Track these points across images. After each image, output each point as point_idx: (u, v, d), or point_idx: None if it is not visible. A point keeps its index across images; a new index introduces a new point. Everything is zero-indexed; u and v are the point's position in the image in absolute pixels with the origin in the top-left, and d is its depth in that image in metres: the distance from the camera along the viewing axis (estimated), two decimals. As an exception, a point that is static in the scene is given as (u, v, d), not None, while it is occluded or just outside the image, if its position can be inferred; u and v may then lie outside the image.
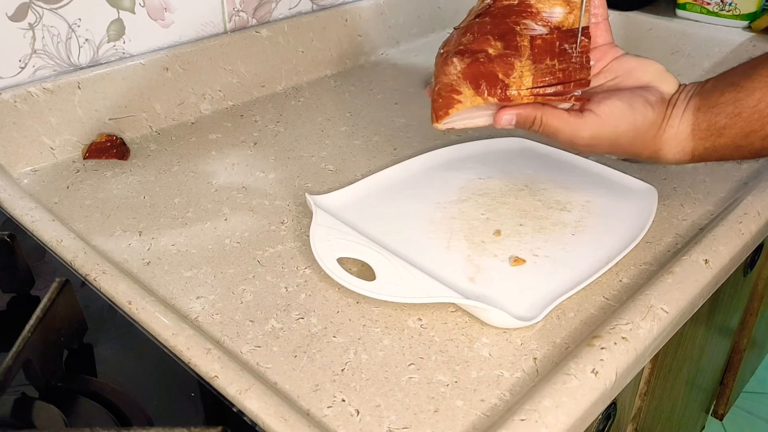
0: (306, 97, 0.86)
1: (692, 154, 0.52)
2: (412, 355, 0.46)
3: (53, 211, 0.61)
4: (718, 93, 0.50)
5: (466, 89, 0.51)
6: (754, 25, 0.99)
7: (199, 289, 0.52)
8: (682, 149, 0.52)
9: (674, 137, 0.52)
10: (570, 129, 0.51)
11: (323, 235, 0.53)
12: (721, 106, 0.50)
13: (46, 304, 0.41)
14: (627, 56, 0.54)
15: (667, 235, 0.58)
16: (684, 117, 0.51)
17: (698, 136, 0.51)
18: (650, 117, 0.51)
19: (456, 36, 0.54)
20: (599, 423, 0.54)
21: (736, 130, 0.49)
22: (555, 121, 0.51)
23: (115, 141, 0.71)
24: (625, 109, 0.50)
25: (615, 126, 0.50)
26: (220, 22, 0.82)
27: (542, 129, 0.52)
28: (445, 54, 0.53)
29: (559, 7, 0.52)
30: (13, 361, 0.38)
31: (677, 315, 0.48)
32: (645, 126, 0.51)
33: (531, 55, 0.51)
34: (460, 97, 0.51)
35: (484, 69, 0.51)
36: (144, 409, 0.40)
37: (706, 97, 0.51)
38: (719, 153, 0.51)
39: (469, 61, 0.51)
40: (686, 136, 0.51)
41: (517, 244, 0.55)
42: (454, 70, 0.51)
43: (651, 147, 0.52)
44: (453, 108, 0.52)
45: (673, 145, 0.52)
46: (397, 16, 1.00)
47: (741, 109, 0.49)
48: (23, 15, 0.66)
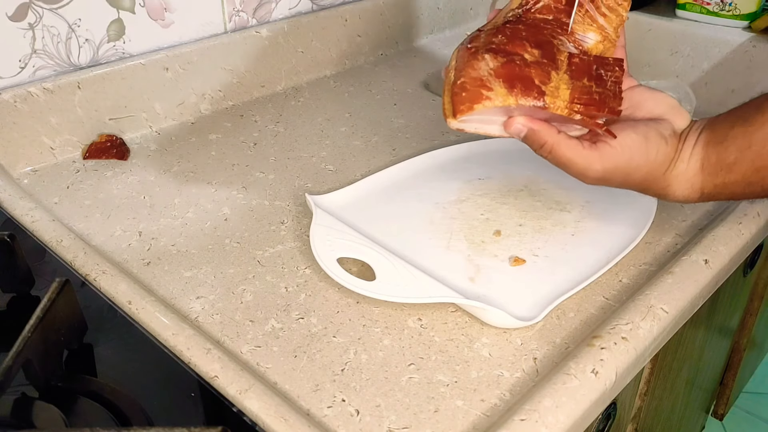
0: (306, 97, 0.86)
1: (701, 192, 0.50)
2: (412, 355, 0.46)
3: (53, 211, 0.61)
4: (728, 126, 0.48)
5: (498, 87, 0.47)
6: (754, 25, 0.99)
7: (199, 289, 0.52)
8: (691, 186, 0.50)
9: (684, 173, 0.49)
10: (583, 161, 0.48)
11: (323, 235, 0.53)
12: (730, 140, 0.48)
13: (46, 304, 0.41)
14: (641, 87, 0.52)
15: (667, 235, 0.58)
16: (694, 152, 0.49)
17: (708, 171, 0.49)
18: (663, 151, 0.49)
19: (485, 36, 0.50)
20: (599, 423, 0.54)
21: (746, 165, 0.47)
22: (568, 151, 0.48)
23: (115, 141, 0.71)
24: (640, 141, 0.48)
25: (629, 159, 0.48)
26: (220, 22, 0.82)
27: (551, 157, 0.49)
28: (474, 49, 0.48)
29: (592, 33, 0.51)
30: (13, 361, 0.38)
31: (677, 315, 0.48)
32: (659, 161, 0.49)
33: (569, 71, 0.48)
34: (490, 94, 0.46)
35: (520, 71, 0.47)
36: (144, 409, 0.40)
37: (716, 131, 0.49)
38: (729, 190, 0.49)
39: (504, 60, 0.47)
40: (696, 172, 0.49)
41: (517, 244, 0.55)
42: (486, 66, 0.47)
43: (661, 183, 0.50)
44: (480, 103, 0.46)
45: (683, 181, 0.50)
46: (396, 17, 1.00)
47: (751, 143, 0.47)
48: (23, 15, 0.66)
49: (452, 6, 1.08)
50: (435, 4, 1.05)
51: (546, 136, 0.48)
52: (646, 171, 0.49)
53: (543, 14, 0.51)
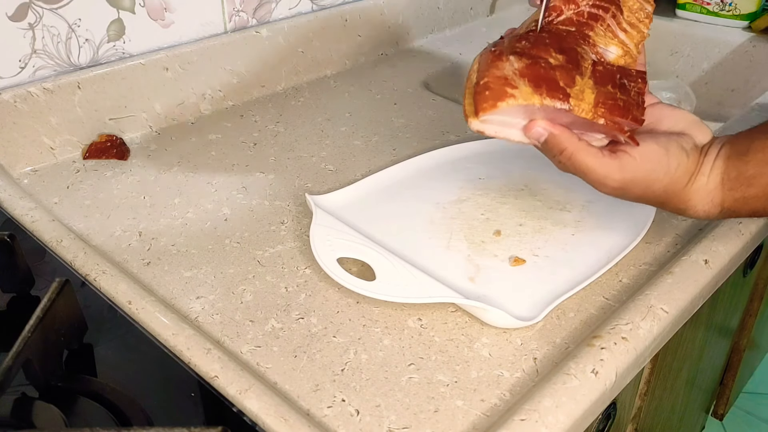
0: (306, 97, 0.86)
1: (721, 207, 0.49)
2: (412, 355, 0.46)
3: (53, 211, 0.61)
4: (749, 141, 0.48)
5: (522, 86, 0.46)
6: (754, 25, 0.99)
7: (199, 289, 0.52)
8: (711, 200, 0.49)
9: (704, 187, 0.49)
10: (603, 170, 0.47)
11: (323, 235, 0.53)
12: (751, 154, 0.47)
13: (46, 304, 0.41)
14: (661, 104, 0.52)
15: (667, 235, 0.58)
16: (715, 165, 0.49)
17: (728, 186, 0.48)
18: (684, 164, 0.48)
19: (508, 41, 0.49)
20: (599, 423, 0.54)
21: (766, 179, 0.47)
22: (589, 158, 0.47)
23: (115, 141, 0.71)
24: (661, 153, 0.47)
25: (650, 171, 0.47)
26: (220, 22, 0.82)
27: (570, 164, 0.47)
28: (498, 51, 0.48)
29: (614, 47, 0.50)
30: (13, 361, 0.38)
31: (677, 315, 0.48)
32: (679, 173, 0.48)
33: (593, 77, 0.48)
34: (515, 92, 0.45)
35: (545, 73, 0.46)
36: (144, 409, 0.40)
37: (737, 146, 0.49)
38: (750, 206, 0.48)
39: (529, 62, 0.46)
40: (716, 185, 0.49)
41: (517, 244, 0.55)
42: (510, 66, 0.46)
43: (681, 197, 0.49)
44: (504, 101, 0.45)
45: (704, 195, 0.49)
46: (396, 17, 1.00)
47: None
48: (23, 15, 0.66)
49: (452, 6, 1.08)
50: (435, 4, 1.05)
51: (566, 141, 0.47)
52: (666, 183, 0.48)
53: (565, 26, 0.50)
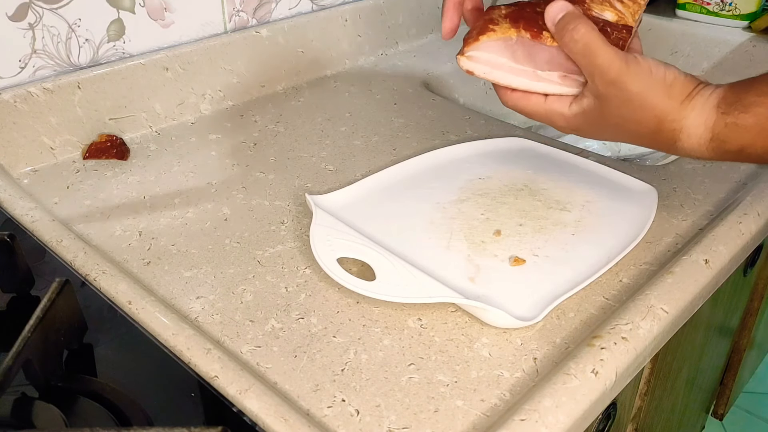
0: (306, 97, 0.86)
1: (712, 132, 0.48)
2: (412, 355, 0.46)
3: (53, 211, 0.61)
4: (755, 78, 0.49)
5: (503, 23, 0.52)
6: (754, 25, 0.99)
7: (199, 289, 0.52)
8: (705, 122, 0.48)
9: (701, 107, 0.48)
10: (610, 54, 0.48)
11: (323, 235, 0.53)
12: (754, 85, 0.48)
13: (46, 304, 0.42)
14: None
15: (667, 235, 0.58)
16: (715, 91, 0.49)
17: (722, 109, 0.48)
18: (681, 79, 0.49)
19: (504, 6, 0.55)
20: (599, 423, 0.54)
21: (763, 109, 0.46)
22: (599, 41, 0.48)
23: (115, 141, 0.71)
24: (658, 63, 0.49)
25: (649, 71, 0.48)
26: (220, 22, 0.82)
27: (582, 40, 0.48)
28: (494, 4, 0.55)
29: (609, 13, 0.53)
30: (13, 361, 0.38)
31: (677, 315, 0.48)
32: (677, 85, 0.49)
33: None
34: (495, 27, 0.52)
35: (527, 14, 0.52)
36: (144, 409, 0.40)
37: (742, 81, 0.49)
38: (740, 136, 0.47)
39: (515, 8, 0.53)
40: (712, 107, 0.48)
41: (517, 244, 0.55)
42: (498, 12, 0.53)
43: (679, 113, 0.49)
44: (485, 35, 0.52)
45: (699, 115, 0.48)
46: (396, 17, 1.00)
47: None
48: (23, 15, 0.66)
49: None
50: (435, 4, 1.05)
51: (582, 21, 0.49)
52: (663, 91, 0.48)
53: None
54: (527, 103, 0.54)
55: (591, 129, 0.52)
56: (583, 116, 0.51)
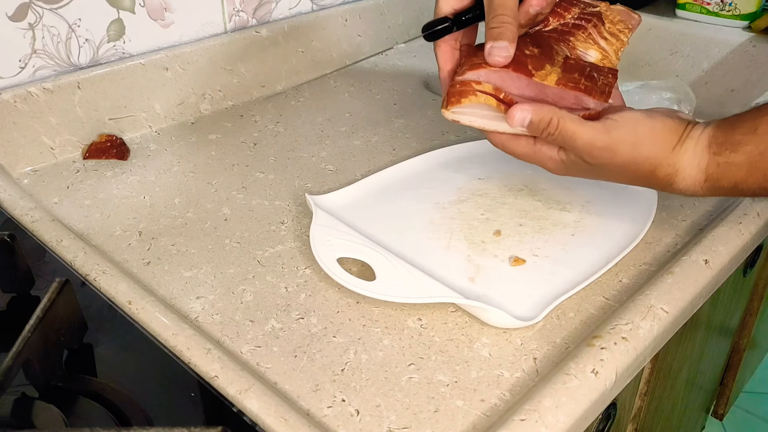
0: (306, 97, 0.86)
1: (706, 173, 0.49)
2: (412, 355, 0.46)
3: (53, 211, 0.61)
4: (741, 115, 0.49)
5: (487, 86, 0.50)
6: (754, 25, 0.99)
7: (199, 289, 0.52)
8: (698, 164, 0.49)
9: (692, 149, 0.49)
10: (590, 132, 0.48)
11: (323, 235, 0.53)
12: (740, 123, 0.49)
13: (46, 304, 0.41)
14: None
15: (667, 235, 0.58)
16: (705, 131, 0.50)
17: (714, 150, 0.49)
18: (670, 124, 0.49)
19: None
20: (599, 423, 0.54)
21: (751, 147, 0.47)
22: (574, 125, 0.48)
23: (115, 141, 0.71)
24: (642, 116, 0.49)
25: (634, 129, 0.49)
26: (220, 22, 0.82)
27: (558, 132, 0.49)
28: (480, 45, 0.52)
29: (593, 51, 0.53)
30: (13, 361, 0.38)
31: (677, 315, 0.48)
32: (665, 132, 0.49)
33: (562, 66, 0.51)
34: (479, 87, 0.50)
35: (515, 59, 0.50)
36: (144, 409, 0.40)
37: (729, 119, 0.50)
38: (733, 174, 0.49)
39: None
40: (703, 148, 0.49)
41: (517, 244, 0.55)
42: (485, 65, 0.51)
43: (671, 159, 0.50)
44: (466, 98, 0.51)
45: (691, 157, 0.49)
46: (396, 17, 1.00)
47: (758, 125, 0.47)
48: (23, 15, 0.66)
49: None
50: (435, 4, 1.05)
51: (549, 113, 0.49)
52: (653, 143, 0.49)
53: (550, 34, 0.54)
54: (516, 146, 0.53)
55: (583, 174, 0.53)
56: (573, 163, 0.52)
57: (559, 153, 0.51)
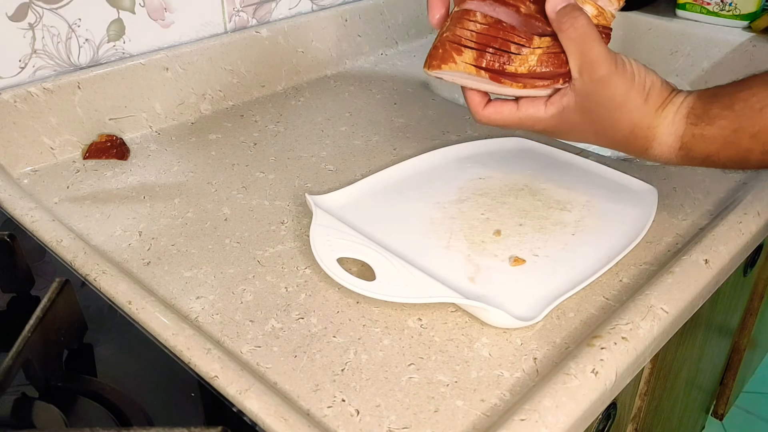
0: (306, 97, 0.86)
1: (681, 141, 0.50)
2: (412, 355, 0.46)
3: (53, 211, 0.61)
4: (721, 87, 0.50)
5: (468, 53, 0.51)
6: (754, 25, 0.99)
7: (199, 289, 0.52)
8: (675, 131, 0.50)
9: (672, 117, 0.50)
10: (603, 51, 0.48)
11: (323, 235, 0.53)
12: (719, 97, 0.49)
13: (46, 304, 0.41)
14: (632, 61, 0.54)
15: (667, 235, 0.58)
16: (686, 100, 0.50)
17: (691, 120, 0.50)
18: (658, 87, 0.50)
19: None
20: (599, 423, 0.54)
21: (726, 122, 0.48)
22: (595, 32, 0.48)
23: (115, 141, 0.71)
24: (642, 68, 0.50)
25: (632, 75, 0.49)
26: (220, 22, 0.82)
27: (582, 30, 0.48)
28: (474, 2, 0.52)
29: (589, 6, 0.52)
30: (13, 361, 0.38)
31: (677, 315, 0.48)
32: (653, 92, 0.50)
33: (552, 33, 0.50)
34: (458, 58, 0.51)
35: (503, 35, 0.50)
36: (144, 409, 0.40)
37: (709, 89, 0.51)
38: (706, 146, 0.50)
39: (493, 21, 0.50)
40: (682, 117, 0.50)
41: (517, 244, 0.55)
42: (473, 27, 0.51)
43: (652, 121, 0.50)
44: (446, 65, 0.51)
45: (670, 124, 0.50)
46: (396, 17, 1.00)
47: (735, 101, 0.48)
48: (23, 15, 0.66)
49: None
50: (435, 4, 1.05)
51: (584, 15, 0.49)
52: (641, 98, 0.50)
53: None
54: (501, 116, 0.53)
55: (566, 129, 0.53)
56: (560, 116, 0.52)
57: (547, 108, 0.52)
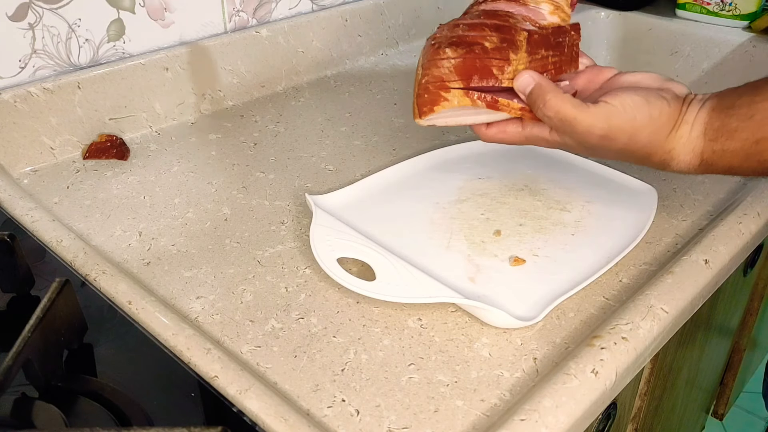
0: (306, 97, 0.86)
1: (701, 158, 0.50)
2: (412, 355, 0.46)
3: (53, 211, 0.61)
4: (736, 95, 0.49)
5: (455, 86, 0.50)
6: (754, 25, 0.99)
7: (199, 289, 0.52)
8: (693, 150, 0.49)
9: (688, 135, 0.49)
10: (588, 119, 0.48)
11: (323, 235, 0.53)
12: (736, 108, 0.48)
13: (46, 304, 0.41)
14: (626, 73, 0.53)
15: (667, 235, 0.58)
16: (699, 115, 0.49)
17: (710, 136, 0.49)
18: (666, 111, 0.49)
19: (447, 28, 0.53)
20: (599, 423, 0.54)
21: (747, 134, 0.47)
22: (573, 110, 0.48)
23: (115, 141, 0.71)
24: (641, 102, 0.48)
25: (632, 119, 0.48)
26: (220, 22, 0.82)
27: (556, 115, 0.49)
28: (437, 44, 0.51)
29: (545, 4, 0.53)
30: (13, 361, 0.38)
31: (677, 315, 0.48)
32: (662, 120, 0.49)
33: (527, 48, 0.51)
34: (448, 95, 0.50)
35: (480, 63, 0.50)
36: (144, 409, 0.40)
37: (724, 99, 0.49)
38: (727, 160, 0.49)
39: (464, 52, 0.50)
40: (699, 135, 0.49)
41: (517, 244, 0.55)
42: (447, 63, 0.50)
43: (665, 146, 0.50)
44: (439, 106, 0.50)
45: (686, 143, 0.49)
46: (396, 17, 1.00)
47: (754, 112, 0.47)
48: (23, 15, 0.66)
49: (452, 6, 1.08)
50: (435, 4, 1.05)
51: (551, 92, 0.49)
52: (650, 131, 0.49)
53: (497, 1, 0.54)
54: (505, 136, 0.54)
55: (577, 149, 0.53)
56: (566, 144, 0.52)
57: (551, 134, 0.52)
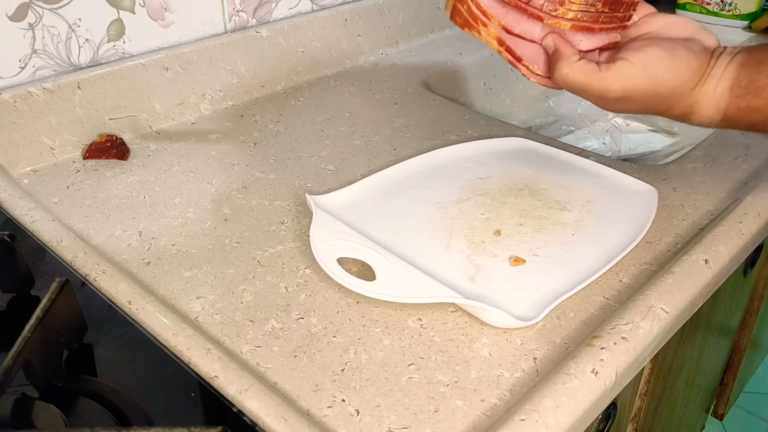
0: (306, 97, 0.86)
1: (725, 114, 0.49)
2: (412, 355, 0.46)
3: (53, 211, 0.61)
4: (766, 52, 0.48)
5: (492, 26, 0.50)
6: (754, 25, 0.99)
7: (199, 289, 0.52)
8: (716, 105, 0.49)
9: (713, 91, 0.48)
10: (600, 84, 0.47)
11: (323, 235, 0.53)
12: (765, 64, 0.47)
13: (46, 304, 0.42)
14: (661, 13, 0.52)
15: (667, 235, 0.58)
16: (727, 70, 0.48)
17: (735, 93, 0.48)
18: (693, 65, 0.48)
19: None
20: (599, 423, 0.54)
21: None
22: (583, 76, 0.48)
23: (115, 141, 0.71)
24: (665, 56, 0.48)
25: (652, 75, 0.47)
26: (220, 22, 0.82)
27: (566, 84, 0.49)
28: None
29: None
30: (13, 361, 0.38)
31: (677, 315, 0.48)
32: (687, 74, 0.48)
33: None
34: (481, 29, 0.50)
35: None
36: (144, 409, 0.40)
37: (754, 54, 0.48)
38: (751, 117, 0.48)
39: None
40: (724, 90, 0.48)
41: (517, 244, 0.55)
42: None
43: (688, 100, 0.49)
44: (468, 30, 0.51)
45: (711, 99, 0.49)
46: (396, 16, 1.00)
47: None
48: (23, 15, 0.66)
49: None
50: (435, 4, 1.05)
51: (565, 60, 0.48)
52: (672, 86, 0.48)
53: None
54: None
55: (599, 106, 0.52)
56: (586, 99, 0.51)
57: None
